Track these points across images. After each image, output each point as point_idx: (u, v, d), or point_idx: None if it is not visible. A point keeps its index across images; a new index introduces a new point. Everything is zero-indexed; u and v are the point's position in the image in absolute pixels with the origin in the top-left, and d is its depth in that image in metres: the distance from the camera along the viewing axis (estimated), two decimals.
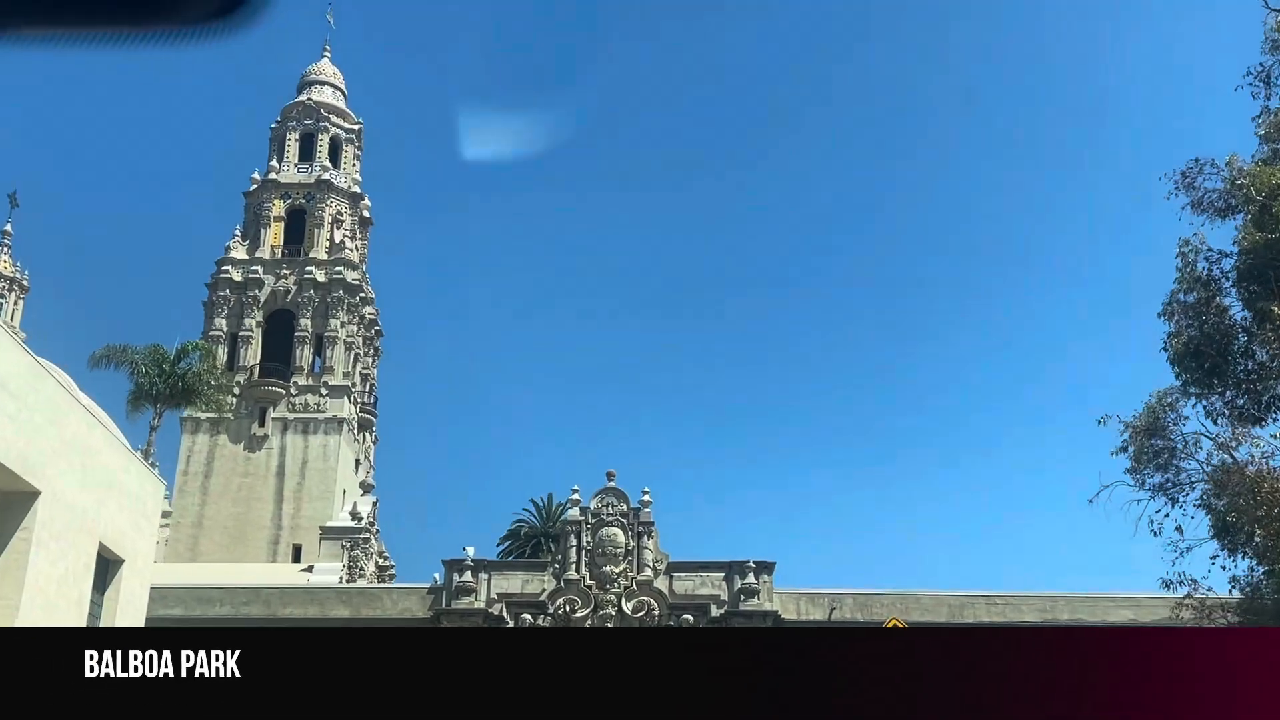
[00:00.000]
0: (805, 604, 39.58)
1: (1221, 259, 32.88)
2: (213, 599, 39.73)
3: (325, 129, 72.51)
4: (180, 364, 51.71)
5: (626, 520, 40.14)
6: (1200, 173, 34.34)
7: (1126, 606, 39.12)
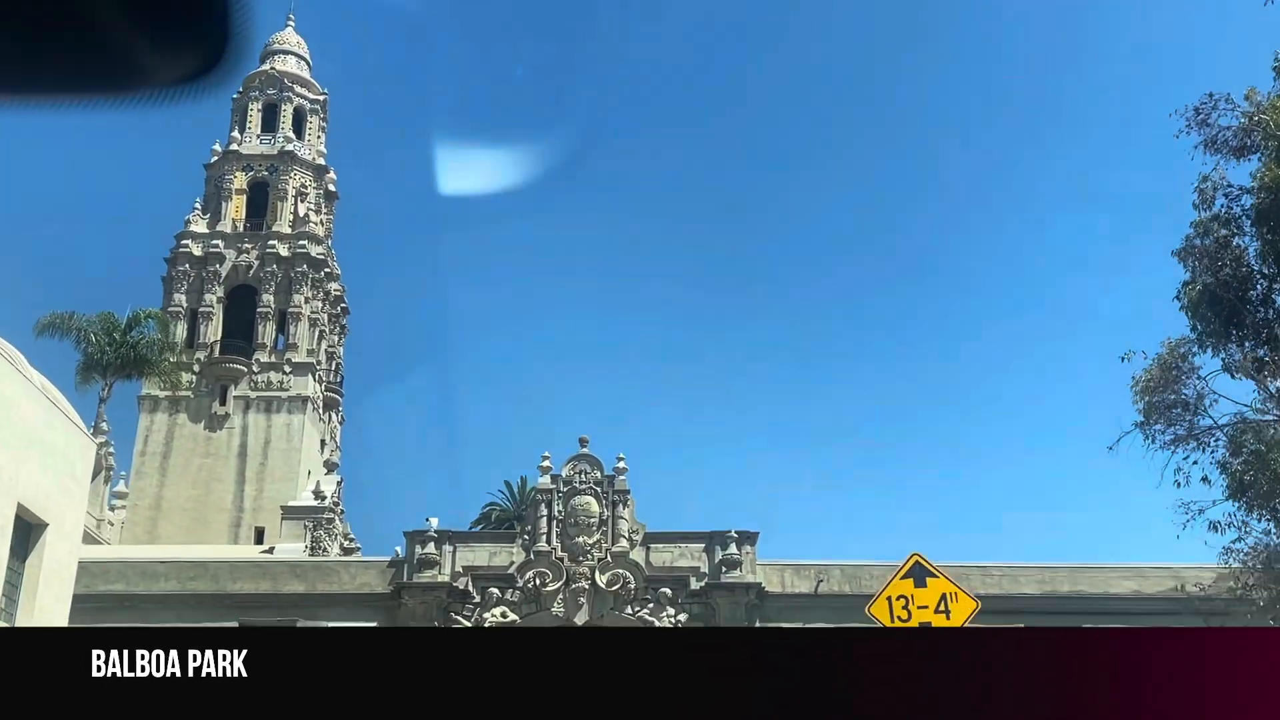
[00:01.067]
0: (790, 576, 36.72)
1: (1241, 195, 30.19)
2: (157, 574, 36.56)
3: (289, 99, 69.22)
4: (132, 333, 48.41)
5: (600, 488, 37.18)
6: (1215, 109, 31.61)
7: (1130, 577, 36.49)
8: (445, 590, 35.59)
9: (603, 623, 36.05)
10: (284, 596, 36.08)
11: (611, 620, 36.02)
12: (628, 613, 35.94)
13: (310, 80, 70.99)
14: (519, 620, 35.95)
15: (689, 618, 35.82)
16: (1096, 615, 35.75)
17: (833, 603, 36.28)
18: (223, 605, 35.88)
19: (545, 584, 35.96)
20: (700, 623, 35.77)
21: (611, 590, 35.98)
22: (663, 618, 35.76)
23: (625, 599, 36.03)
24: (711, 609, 35.76)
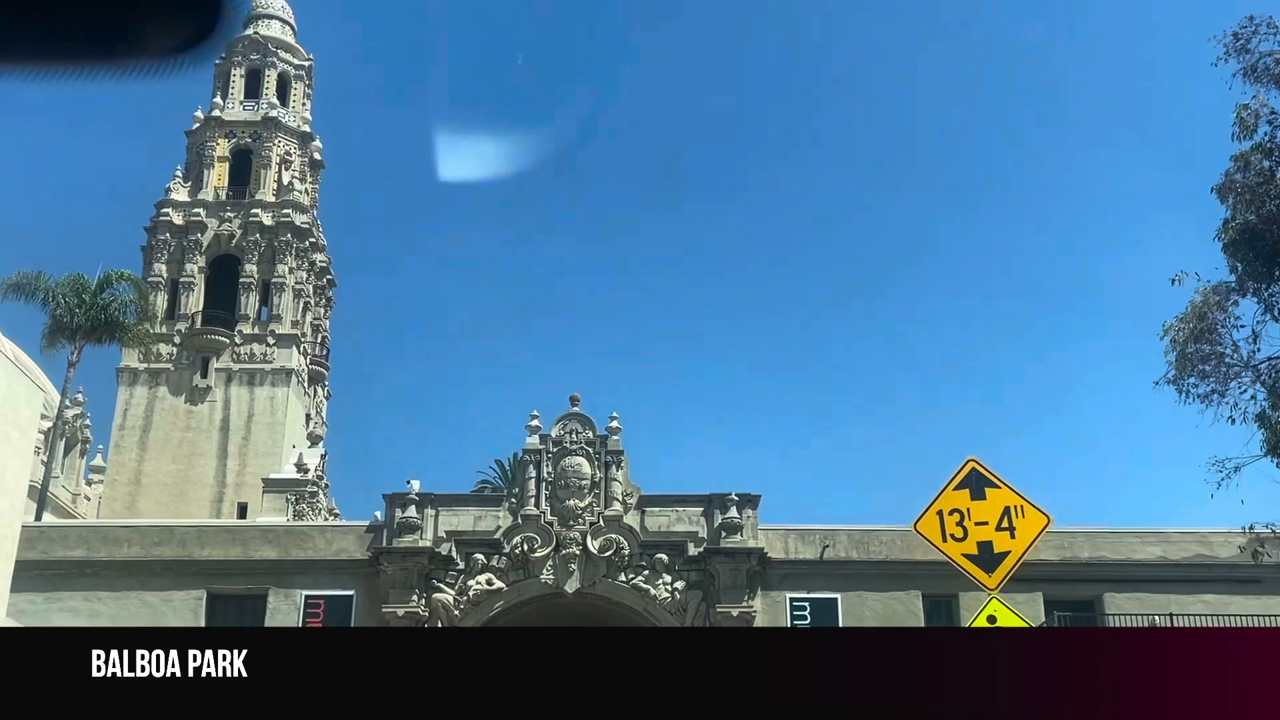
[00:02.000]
0: (794, 541, 34.13)
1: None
2: (120, 539, 33.87)
3: (273, 65, 66.58)
4: (103, 295, 45.66)
5: (592, 449, 34.54)
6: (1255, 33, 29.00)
7: (1155, 543, 33.93)
8: (427, 556, 32.97)
9: (594, 590, 33.48)
10: (255, 563, 33.43)
11: (604, 588, 33.44)
12: (621, 580, 33.36)
13: (295, 46, 68.32)
14: (505, 588, 33.34)
15: (686, 585, 33.23)
16: (1118, 583, 33.27)
17: (839, 569, 33.78)
18: (189, 573, 33.26)
19: (534, 550, 33.35)
20: (699, 591, 33.20)
21: (604, 556, 33.38)
22: (659, 585, 33.17)
23: (619, 566, 33.43)
24: (710, 576, 33.18)
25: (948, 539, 10.74)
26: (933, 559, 33.21)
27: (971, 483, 10.92)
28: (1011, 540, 10.68)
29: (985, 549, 10.65)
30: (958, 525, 10.75)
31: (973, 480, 10.92)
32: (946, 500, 10.87)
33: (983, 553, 10.65)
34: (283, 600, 33.07)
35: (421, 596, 32.83)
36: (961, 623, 33.33)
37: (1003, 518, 10.75)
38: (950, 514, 10.80)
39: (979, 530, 10.71)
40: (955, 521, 10.76)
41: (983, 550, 10.66)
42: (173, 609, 32.95)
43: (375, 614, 32.72)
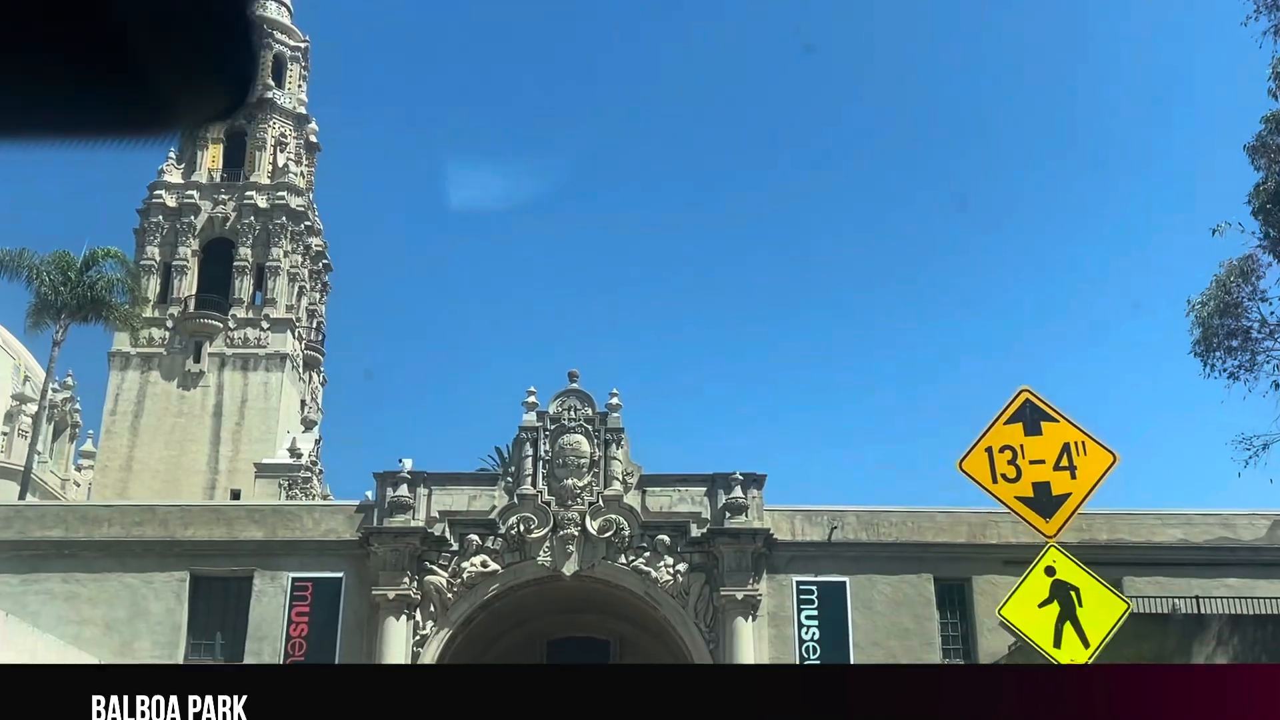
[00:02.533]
0: (801, 522, 32.63)
1: None
2: (100, 519, 32.39)
3: (268, 45, 64.68)
4: (89, 272, 44.13)
5: (592, 426, 33.03)
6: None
7: (1176, 524, 32.42)
8: (419, 537, 31.48)
9: (593, 573, 31.98)
10: (240, 544, 31.95)
11: (603, 570, 31.94)
12: (621, 562, 31.87)
13: (291, 27, 66.73)
14: (501, 570, 31.86)
15: (689, 567, 31.74)
16: (1138, 566, 31.74)
17: (848, 551, 32.31)
18: (172, 554, 31.78)
19: (530, 530, 31.86)
20: (702, 573, 31.70)
21: (603, 537, 31.89)
22: (660, 567, 31.67)
23: (619, 547, 31.94)
24: (714, 558, 31.68)
25: (998, 480, 9.22)
26: (945, 541, 31.82)
27: (1025, 416, 9.39)
28: (1072, 481, 9.17)
29: (1042, 491, 9.14)
30: (1009, 464, 9.23)
31: (1026, 413, 9.40)
32: (996, 436, 9.35)
33: (1039, 495, 9.14)
34: (269, 583, 31.60)
35: (413, 579, 31.35)
36: (974, 607, 31.91)
37: (1061, 455, 9.23)
38: (1001, 451, 9.29)
39: (1034, 470, 9.19)
40: (1007, 460, 9.25)
41: (1039, 492, 9.15)
42: (154, 591, 31.49)
43: (365, 597, 31.26)
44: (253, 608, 31.46)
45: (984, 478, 9.27)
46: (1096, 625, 8.94)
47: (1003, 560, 32.02)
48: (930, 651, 31.70)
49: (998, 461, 9.27)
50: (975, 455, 9.34)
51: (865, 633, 31.63)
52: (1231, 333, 29.08)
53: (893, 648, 31.59)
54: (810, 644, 31.45)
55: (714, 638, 31.27)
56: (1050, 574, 9.04)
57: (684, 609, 31.57)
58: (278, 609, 31.47)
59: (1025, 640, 9.12)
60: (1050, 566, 9.04)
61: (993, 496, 9.29)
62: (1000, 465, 9.25)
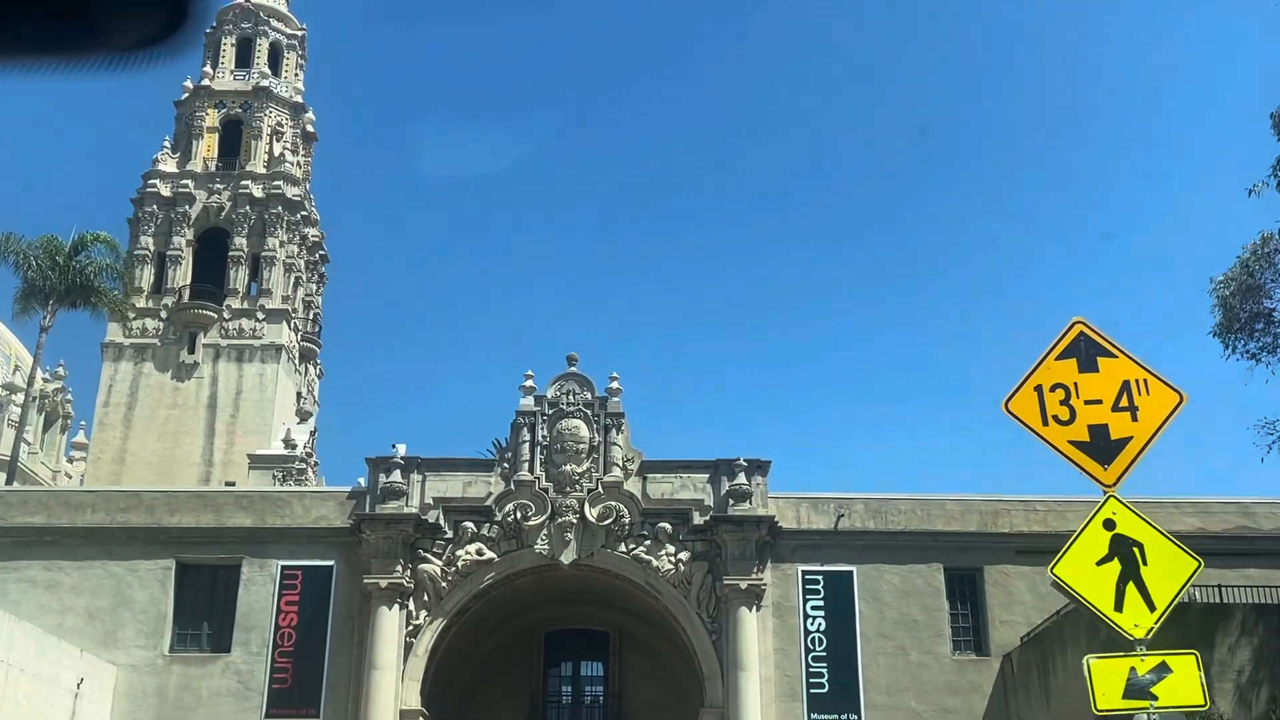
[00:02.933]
0: (807, 510, 31.49)
1: None
2: (83, 504, 31.24)
3: (264, 33, 63.90)
4: (78, 257, 43.01)
5: (591, 411, 31.88)
6: None
7: (1193, 513, 31.23)
8: (412, 524, 30.32)
9: (592, 562, 30.83)
10: (228, 531, 30.81)
11: (602, 559, 30.79)
12: (621, 551, 30.72)
13: (288, 15, 65.66)
14: (497, 559, 30.70)
15: (691, 556, 30.59)
16: None
17: (855, 539, 31.19)
18: (158, 541, 30.65)
19: (527, 517, 30.71)
20: (704, 562, 30.57)
21: (603, 525, 30.74)
22: (661, 556, 30.52)
23: (619, 535, 30.79)
24: (717, 546, 30.53)
25: (1049, 422, 8.07)
26: (955, 529, 30.59)
27: (1079, 350, 8.25)
28: (1133, 424, 8.02)
29: (1099, 434, 7.99)
30: (1062, 404, 8.08)
31: (1081, 347, 8.25)
32: (1047, 373, 8.21)
33: (1096, 439, 7.99)
34: (257, 571, 30.47)
35: (406, 567, 30.21)
36: (986, 597, 30.76)
37: (1121, 395, 8.08)
38: (1052, 390, 8.14)
39: (1090, 410, 8.04)
40: (1059, 400, 8.10)
41: (1095, 436, 8.00)
42: (139, 580, 30.37)
43: (357, 586, 30.14)
44: (241, 597, 30.33)
45: (1033, 419, 8.13)
46: (1163, 586, 7.79)
47: (1015, 549, 30.92)
48: (940, 644, 30.55)
49: (1048, 401, 8.13)
50: (1023, 394, 8.20)
51: (873, 624, 30.50)
52: (1254, 315, 27.94)
53: (901, 640, 30.46)
54: (816, 635, 30.30)
55: (717, 628, 30.12)
56: (1109, 528, 7.88)
57: (686, 599, 30.43)
58: (266, 598, 30.33)
59: (1081, 602, 7.97)
60: (1109, 519, 7.88)
61: (1043, 441, 8.14)
62: (1051, 405, 8.11)
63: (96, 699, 28.77)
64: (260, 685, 29.69)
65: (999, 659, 30.22)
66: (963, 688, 30.15)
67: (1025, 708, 28.98)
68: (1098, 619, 23.84)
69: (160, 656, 30.01)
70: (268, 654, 29.95)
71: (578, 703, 36.51)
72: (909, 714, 29.89)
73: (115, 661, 29.62)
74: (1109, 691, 7.62)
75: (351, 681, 29.69)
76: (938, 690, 30.08)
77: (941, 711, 29.93)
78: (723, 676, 29.78)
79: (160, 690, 29.67)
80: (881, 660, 30.24)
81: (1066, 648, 26.57)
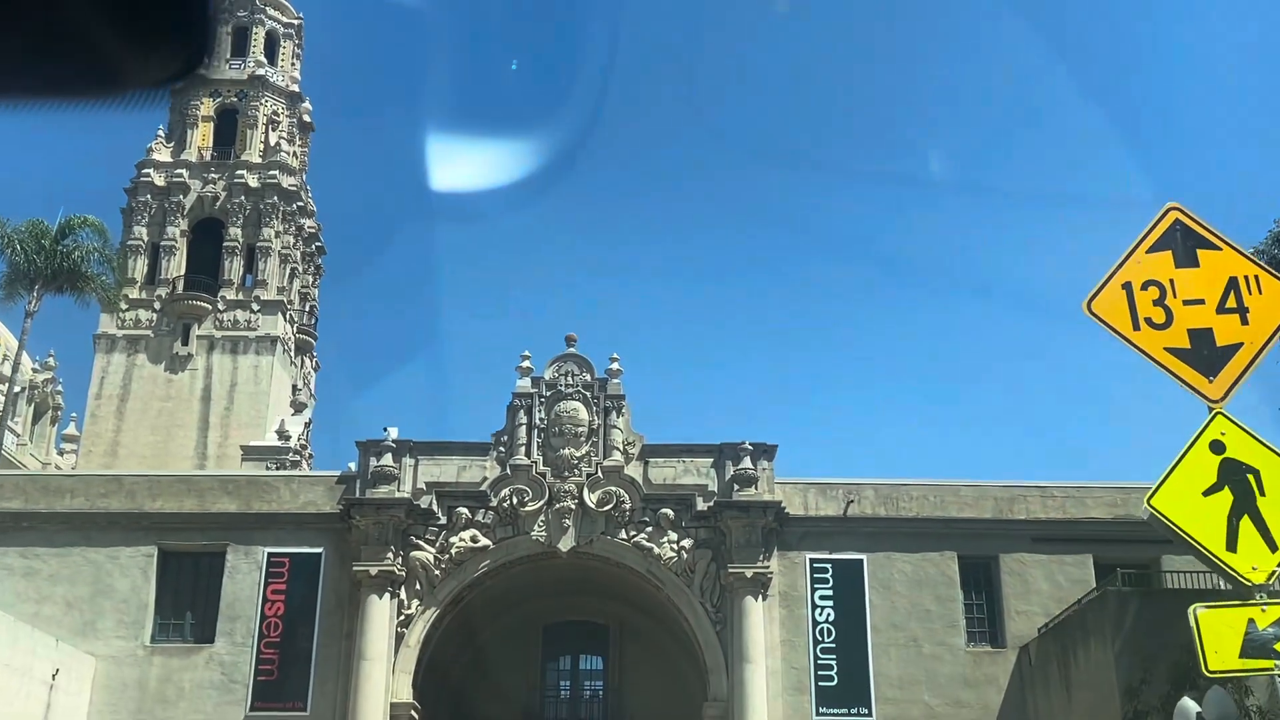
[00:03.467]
0: (815, 496, 30.02)
1: None
2: (63, 489, 29.77)
3: (260, 22, 62.54)
4: (65, 241, 41.55)
5: (590, 393, 30.42)
6: None
7: None
8: (404, 509, 28.85)
9: (591, 549, 29.36)
10: (213, 517, 29.35)
11: (602, 546, 29.32)
12: (621, 538, 29.25)
13: (284, 3, 64.30)
14: (492, 546, 29.23)
15: (694, 543, 29.12)
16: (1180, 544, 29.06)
17: (865, 527, 29.71)
18: (139, 527, 29.18)
19: (524, 503, 29.24)
20: (708, 550, 29.10)
21: (602, 511, 29.28)
22: (663, 543, 29.05)
23: (619, 522, 29.32)
24: (721, 533, 29.07)
25: (1140, 325, 6.59)
26: (970, 516, 28.95)
27: (1175, 241, 6.77)
28: (1243, 328, 6.54)
29: (1202, 340, 6.52)
30: (1155, 305, 6.61)
31: (1177, 238, 6.77)
32: (1136, 268, 6.73)
33: (1198, 346, 6.51)
34: (242, 558, 29.01)
35: (398, 554, 28.74)
36: (1001, 586, 29.29)
37: (1227, 294, 6.61)
38: (1144, 288, 6.67)
39: (1190, 312, 6.57)
40: (1151, 299, 6.63)
41: (1198, 342, 6.52)
42: (120, 567, 28.90)
43: (346, 573, 28.67)
44: (225, 585, 28.86)
45: (1121, 323, 6.64)
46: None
47: (1032, 537, 29.49)
48: (954, 635, 29.08)
49: (1140, 302, 6.64)
50: (1109, 292, 6.71)
51: (884, 614, 29.02)
52: None
53: (913, 630, 28.98)
54: (825, 626, 28.82)
55: (721, 618, 28.64)
56: (1217, 451, 6.39)
57: (689, 588, 28.96)
58: (252, 586, 28.85)
59: (1185, 540, 6.52)
60: (1217, 441, 6.39)
61: (1133, 348, 6.66)
62: (1143, 306, 6.63)
63: (73, 691, 27.30)
64: (245, 677, 28.21)
65: (1015, 651, 28.74)
66: (978, 681, 28.67)
67: (1044, 701, 27.49)
68: (1125, 609, 21.96)
69: (141, 647, 28.54)
70: (253, 645, 28.47)
71: (576, 698, 35.02)
72: (922, 708, 28.41)
73: (94, 652, 28.15)
74: (1222, 649, 6.16)
75: (340, 673, 28.20)
76: (952, 683, 28.60)
77: (956, 705, 28.45)
78: (727, 669, 28.30)
79: (140, 682, 28.19)
80: (893, 652, 28.76)
81: (1090, 638, 25.10)
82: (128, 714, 27.91)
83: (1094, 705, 24.55)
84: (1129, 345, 6.63)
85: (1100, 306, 6.68)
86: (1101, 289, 6.72)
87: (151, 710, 27.92)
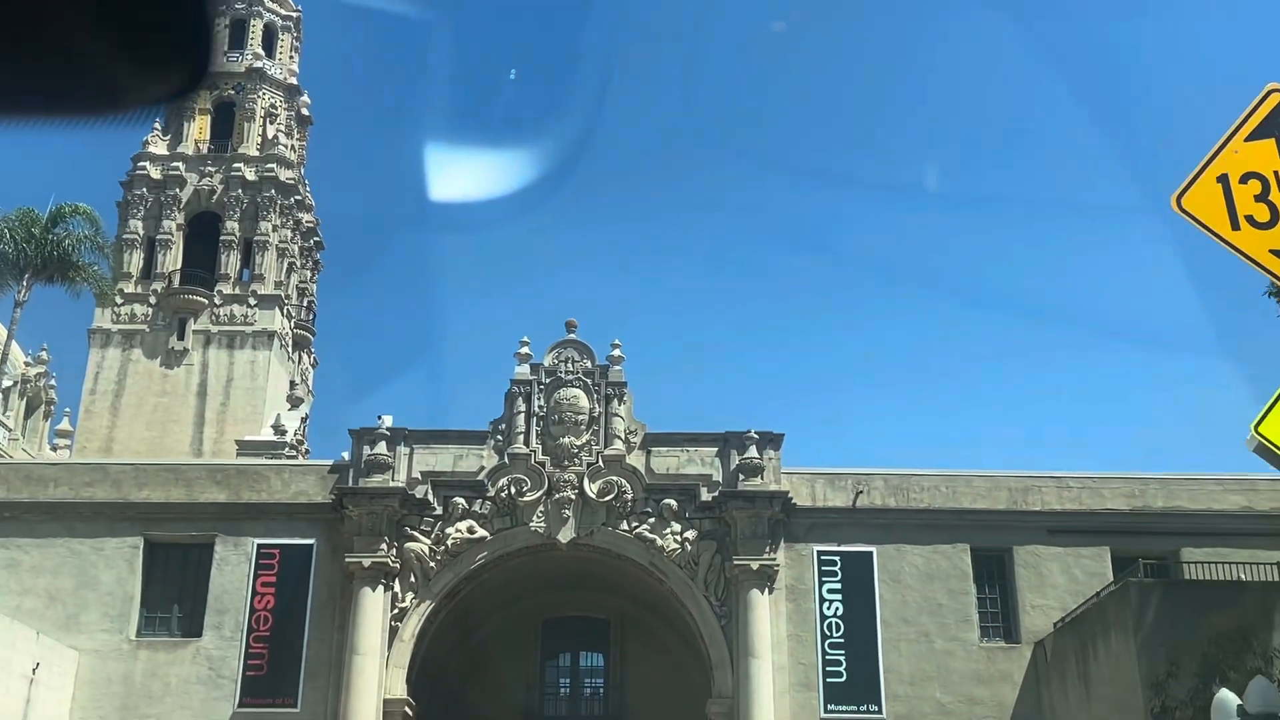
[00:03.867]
0: (823, 487, 28.95)
1: None
2: (47, 478, 28.71)
3: (258, 14, 61.55)
4: (56, 230, 40.57)
5: (591, 380, 29.37)
6: None
7: (1238, 490, 28.75)
8: (399, 499, 27.78)
9: (592, 541, 28.29)
10: (201, 507, 28.29)
11: (603, 538, 28.25)
12: (623, 529, 28.18)
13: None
14: (489, 537, 28.15)
15: (698, 535, 28.05)
16: (1197, 536, 28.07)
17: (874, 518, 28.64)
18: (125, 517, 28.12)
19: (522, 493, 28.18)
20: (713, 541, 28.03)
21: (603, 501, 28.21)
22: (666, 535, 27.98)
23: (620, 512, 28.25)
24: (726, 525, 28.00)
25: (1240, 224, 5.53)
26: (982, 507, 27.74)
27: (1277, 128, 5.76)
28: None
29: None
30: (1258, 201, 5.55)
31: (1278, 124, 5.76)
32: (1234, 158, 5.66)
33: None
34: (231, 549, 27.95)
35: (392, 545, 27.67)
36: (1015, 580, 28.24)
37: None
38: (1243, 181, 5.60)
39: None
40: (1252, 195, 5.56)
41: None
42: (105, 559, 27.84)
43: (338, 565, 27.61)
44: (213, 577, 27.79)
45: (1217, 221, 5.57)
46: None
47: (1047, 529, 28.43)
48: (967, 629, 28.00)
49: (1238, 197, 5.58)
50: (1202, 187, 5.64)
51: (894, 608, 27.94)
52: None
53: (925, 625, 27.90)
54: (833, 620, 27.74)
55: (726, 611, 27.55)
56: None
57: (693, 580, 27.89)
58: (241, 578, 27.79)
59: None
60: None
61: (1231, 249, 5.58)
62: (1243, 202, 5.56)
63: (55, 686, 26.22)
64: (233, 672, 27.13)
65: (1030, 646, 27.66)
66: (991, 677, 27.57)
67: (1060, 698, 26.40)
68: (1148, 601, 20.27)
69: (126, 641, 27.46)
70: (242, 639, 27.39)
71: (576, 695, 33.92)
72: (933, 705, 27.32)
73: (78, 646, 27.08)
74: None
75: (332, 668, 27.12)
76: (964, 679, 27.51)
77: (968, 702, 27.36)
78: (732, 664, 27.22)
79: (125, 677, 27.11)
80: (903, 647, 27.68)
81: (1110, 631, 24.01)
82: (111, 710, 26.84)
83: (1115, 701, 23.46)
84: (1226, 247, 5.56)
85: (1191, 203, 5.61)
86: (1193, 182, 5.65)
87: (136, 706, 26.85)
